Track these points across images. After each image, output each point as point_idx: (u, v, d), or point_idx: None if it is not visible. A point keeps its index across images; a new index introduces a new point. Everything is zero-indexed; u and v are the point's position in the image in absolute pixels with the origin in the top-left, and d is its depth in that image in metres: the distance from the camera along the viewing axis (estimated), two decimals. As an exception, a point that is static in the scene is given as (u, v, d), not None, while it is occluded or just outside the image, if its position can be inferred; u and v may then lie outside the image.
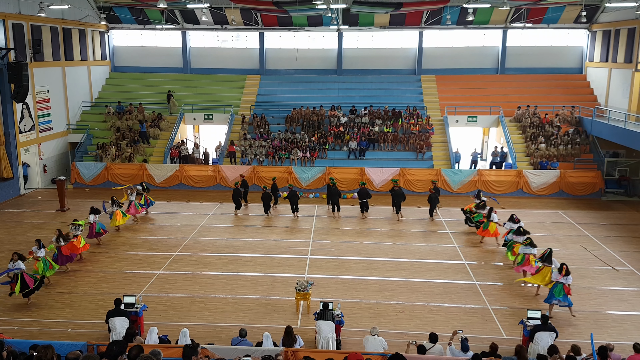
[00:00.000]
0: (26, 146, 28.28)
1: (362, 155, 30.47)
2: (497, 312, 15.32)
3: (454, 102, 33.39)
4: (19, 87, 25.59)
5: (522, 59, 36.06)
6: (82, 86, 34.08)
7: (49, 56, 30.14)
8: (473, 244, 21.11)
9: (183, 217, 24.36)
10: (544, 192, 28.16)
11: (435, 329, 13.26)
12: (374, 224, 23.66)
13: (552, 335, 12.22)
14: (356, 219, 24.27)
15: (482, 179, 28.34)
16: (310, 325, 14.02)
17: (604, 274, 18.12)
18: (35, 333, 13.80)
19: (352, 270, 18.25)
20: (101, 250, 20.05)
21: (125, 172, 29.17)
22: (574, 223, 23.90)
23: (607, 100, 32.17)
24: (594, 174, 28.21)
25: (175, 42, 37.57)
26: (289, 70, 37.45)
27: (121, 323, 12.50)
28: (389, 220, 24.12)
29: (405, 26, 35.55)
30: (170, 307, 15.45)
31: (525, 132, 31.33)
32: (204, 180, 29.34)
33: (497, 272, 18.39)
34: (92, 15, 34.00)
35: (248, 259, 19.27)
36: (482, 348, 11.91)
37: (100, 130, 32.64)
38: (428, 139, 30.90)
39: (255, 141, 30.92)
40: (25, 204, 26.35)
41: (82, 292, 16.45)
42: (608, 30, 32.29)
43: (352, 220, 24.23)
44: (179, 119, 32.94)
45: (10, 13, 26.44)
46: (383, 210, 25.34)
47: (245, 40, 37.72)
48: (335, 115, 32.79)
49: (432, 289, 16.87)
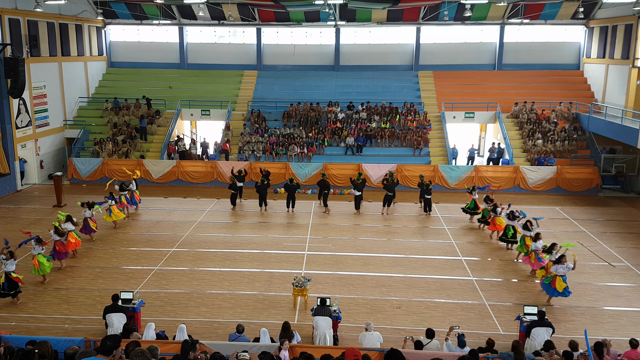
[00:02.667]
0: (23, 142, 28.20)
1: (360, 152, 30.47)
2: (494, 307, 15.36)
3: (451, 98, 33.38)
4: (15, 83, 25.50)
5: (520, 55, 36.06)
6: (78, 82, 33.98)
7: (46, 51, 30.04)
8: (470, 240, 21.15)
9: (180, 213, 24.34)
10: (540, 188, 28.22)
11: (432, 324, 13.29)
12: (371, 220, 23.68)
13: (549, 330, 12.27)
14: (353, 215, 24.28)
15: (479, 175, 28.36)
16: (308, 321, 14.05)
17: (600, 270, 18.19)
18: (33, 329, 13.79)
19: (349, 266, 18.28)
20: (98, 246, 20.04)
21: (122, 167, 29.07)
22: (571, 219, 23.96)
23: (604, 97, 32.20)
24: (591, 170, 28.27)
25: (172, 37, 37.47)
26: (286, 66, 37.38)
27: (118, 319, 12.50)
28: (386, 216, 24.14)
29: (402, 22, 35.49)
30: (168, 303, 15.45)
31: (523, 129, 31.36)
32: (201, 176, 29.31)
33: (494, 268, 18.44)
34: (88, 10, 33.89)
35: (245, 254, 19.28)
36: (478, 344, 11.95)
37: (97, 126, 32.57)
38: (425, 135, 30.91)
39: (252, 137, 30.89)
40: (22, 200, 26.30)
41: (79, 288, 16.44)
42: (605, 26, 32.30)
43: (349, 216, 24.25)
44: (176, 115, 32.87)
45: (7, 8, 26.34)
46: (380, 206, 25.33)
47: (242, 35, 37.65)
48: (333, 111, 32.77)
49: (429, 284, 16.91)
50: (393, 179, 25.14)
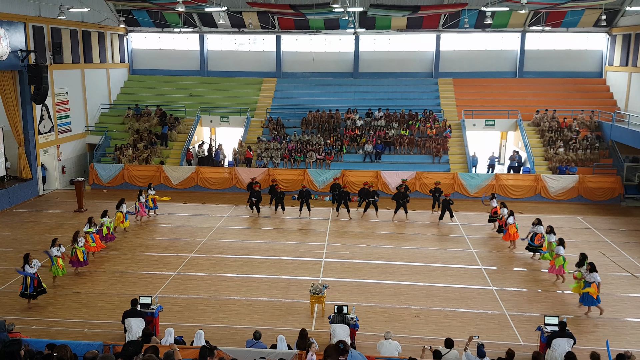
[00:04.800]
0: (45, 147, 28.61)
1: (378, 159, 30.38)
2: (514, 318, 15.16)
3: (472, 106, 33.16)
4: (38, 89, 25.92)
5: (541, 63, 35.75)
6: (100, 88, 34.42)
7: (69, 58, 30.49)
8: (490, 249, 20.93)
9: (199, 219, 24.46)
10: (562, 197, 27.85)
11: (451, 334, 13.13)
12: (389, 227, 23.56)
13: (570, 342, 12.05)
14: (371, 222, 24.18)
15: (499, 184, 28.10)
16: (325, 329, 13.98)
17: (622, 281, 17.86)
18: (52, 332, 13.93)
19: (367, 274, 18.18)
20: (118, 251, 20.20)
21: (143, 173, 29.37)
22: (593, 229, 23.60)
23: (627, 105, 31.75)
24: (613, 179, 27.84)
25: (193, 45, 37.82)
26: (305, 73, 37.50)
27: (137, 323, 12.55)
28: (404, 224, 24.01)
29: (422, 29, 35.42)
30: (186, 308, 15.51)
31: (544, 136, 31.02)
32: (220, 183, 29.45)
33: (515, 277, 18.20)
34: (111, 18, 34.36)
35: (263, 261, 19.29)
36: (498, 354, 11.78)
37: (118, 132, 32.94)
38: (445, 142, 30.73)
39: (271, 144, 30.98)
40: (43, 205, 26.65)
41: (99, 293, 16.57)
42: (628, 34, 31.89)
43: (366, 223, 24.16)
44: (195, 122, 33.12)
45: (31, 16, 26.80)
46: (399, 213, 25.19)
47: (262, 43, 37.85)
48: (351, 118, 32.75)
49: (448, 293, 16.74)
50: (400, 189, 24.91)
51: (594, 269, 15.22)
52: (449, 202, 23.94)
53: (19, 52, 25.82)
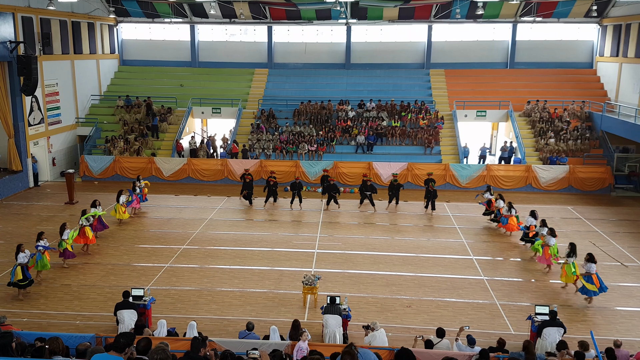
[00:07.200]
0: (35, 139, 28.41)
1: (370, 150, 30.41)
2: (505, 307, 15.28)
3: (463, 97, 33.22)
4: (28, 80, 25.69)
5: (532, 54, 35.82)
6: (91, 79, 34.17)
7: (58, 49, 30.22)
8: (481, 240, 21.05)
9: (191, 211, 24.42)
10: (553, 188, 28.02)
11: (442, 323, 13.21)
12: (381, 218, 23.63)
13: (560, 331, 12.17)
14: (363, 214, 24.24)
15: (490, 174, 28.21)
16: (318, 319, 14.05)
17: (612, 270, 18.02)
18: (44, 325, 13.89)
19: (359, 265, 18.25)
20: (109, 242, 20.14)
21: (134, 165, 29.24)
22: (583, 219, 23.77)
23: (617, 95, 31.91)
24: (604, 170, 28.03)
25: (183, 35, 37.59)
26: (297, 64, 37.38)
27: (129, 315, 12.55)
28: (396, 215, 24.08)
29: (414, 20, 35.38)
30: (178, 300, 15.52)
31: (535, 127, 31.15)
32: (212, 174, 29.38)
33: (506, 267, 18.34)
34: (100, 8, 34.05)
35: (255, 252, 19.31)
36: (489, 343, 11.89)
37: (108, 124, 32.74)
38: (437, 133, 30.79)
39: (262, 135, 30.91)
40: (34, 197, 26.50)
41: (91, 285, 16.54)
42: (619, 24, 31.99)
43: (359, 214, 24.21)
44: (187, 113, 32.98)
45: (20, 6, 26.52)
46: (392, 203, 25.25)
47: (253, 34, 37.69)
48: (343, 109, 32.72)
49: (440, 283, 16.84)
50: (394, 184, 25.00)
51: (592, 259, 15.38)
52: (433, 192, 24.08)
53: (8, 43, 25.57)
